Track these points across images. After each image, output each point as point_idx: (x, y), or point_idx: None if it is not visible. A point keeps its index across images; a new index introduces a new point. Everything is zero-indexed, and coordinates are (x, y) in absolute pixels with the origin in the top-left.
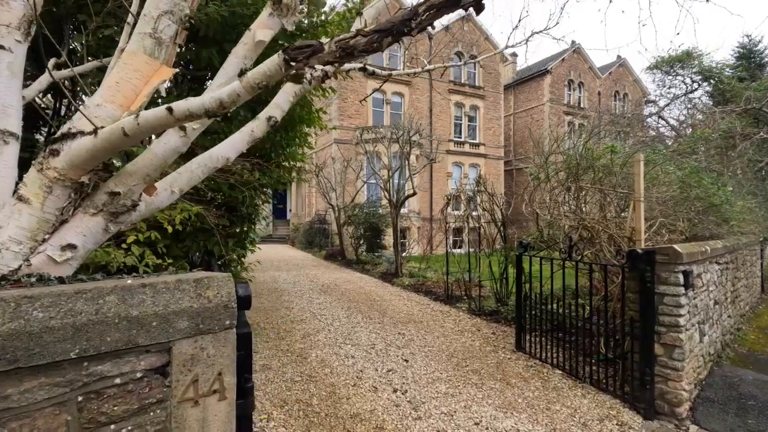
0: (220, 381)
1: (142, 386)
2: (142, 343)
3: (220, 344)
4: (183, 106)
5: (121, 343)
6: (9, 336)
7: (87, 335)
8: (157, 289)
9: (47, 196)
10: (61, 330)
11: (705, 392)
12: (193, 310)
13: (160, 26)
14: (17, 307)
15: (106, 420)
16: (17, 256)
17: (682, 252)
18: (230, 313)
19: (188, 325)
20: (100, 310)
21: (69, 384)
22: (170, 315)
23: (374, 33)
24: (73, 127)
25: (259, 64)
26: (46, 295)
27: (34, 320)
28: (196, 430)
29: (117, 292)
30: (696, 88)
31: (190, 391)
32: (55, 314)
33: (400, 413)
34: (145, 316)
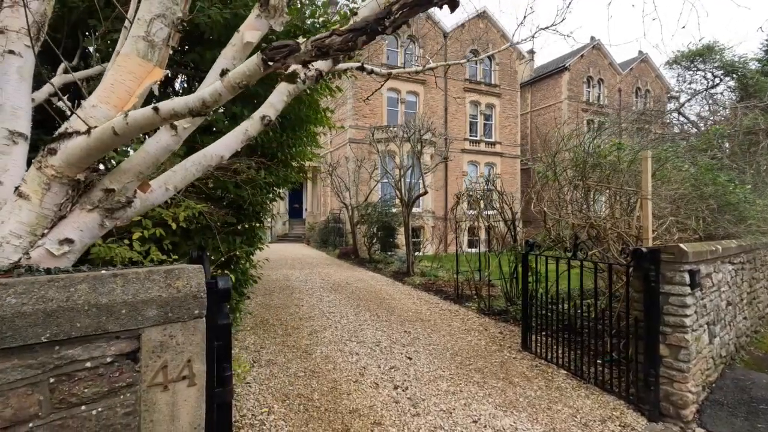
0: (190, 368)
1: (113, 370)
2: (111, 329)
3: (189, 332)
4: (168, 106)
5: (91, 329)
6: None
7: (57, 320)
8: (128, 279)
9: (46, 192)
10: (33, 315)
11: (714, 395)
12: (162, 299)
13: (152, 29)
14: None
15: (77, 401)
16: (17, 249)
17: (687, 251)
18: (199, 302)
19: (157, 314)
20: (71, 298)
21: (41, 366)
22: (139, 303)
23: (349, 32)
24: (70, 126)
25: (239, 65)
26: (20, 282)
27: (6, 305)
28: (166, 413)
29: (89, 281)
30: (717, 83)
31: (160, 376)
32: (27, 300)
33: (398, 409)
34: (114, 304)
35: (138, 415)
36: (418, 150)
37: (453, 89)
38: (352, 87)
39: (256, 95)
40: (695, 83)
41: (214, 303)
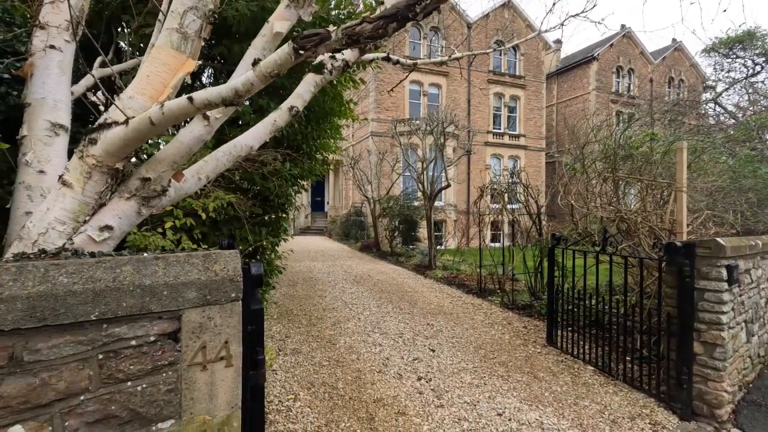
0: (227, 349)
1: (155, 349)
2: (154, 309)
3: (226, 315)
4: (202, 96)
5: (135, 309)
6: (38, 297)
7: (105, 300)
8: (169, 262)
9: (87, 181)
10: (83, 294)
11: (751, 395)
12: (201, 282)
13: (185, 22)
14: (45, 272)
15: (123, 377)
16: (61, 235)
17: (725, 245)
18: (236, 286)
19: (196, 296)
20: (117, 278)
21: (90, 342)
22: (180, 285)
23: (379, 19)
24: (109, 117)
25: (270, 54)
26: (70, 263)
27: (59, 284)
28: (205, 392)
29: (132, 263)
30: (759, 71)
31: (199, 356)
32: (78, 280)
33: (422, 400)
34: (156, 285)
35: (179, 393)
36: (441, 143)
37: (476, 81)
38: (375, 80)
39: (281, 87)
40: (734, 71)
41: (248, 288)
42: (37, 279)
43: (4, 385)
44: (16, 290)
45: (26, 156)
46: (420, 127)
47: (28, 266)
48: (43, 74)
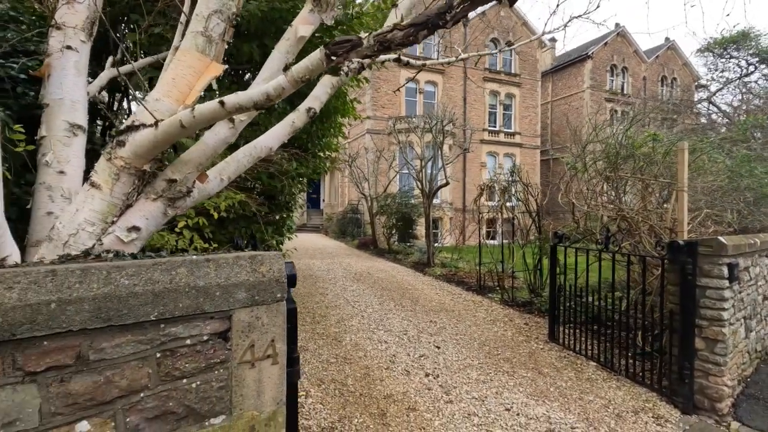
0: (273, 347)
1: (208, 348)
2: (207, 310)
3: (272, 314)
4: (233, 100)
5: (190, 309)
6: (103, 298)
7: (163, 300)
8: (219, 264)
9: (115, 182)
10: (143, 295)
11: (749, 389)
12: (250, 283)
13: (210, 25)
14: (108, 275)
15: (179, 375)
16: (91, 236)
17: (727, 244)
18: (281, 287)
19: (246, 296)
20: (173, 280)
21: (150, 342)
22: (230, 287)
23: (410, 27)
24: (136, 120)
25: (302, 59)
26: (130, 265)
27: (122, 286)
28: (253, 389)
29: (186, 265)
30: (752, 71)
31: (248, 354)
32: (138, 281)
33: (432, 396)
34: (210, 286)
35: (230, 390)
36: (440, 141)
37: (472, 78)
38: (371, 78)
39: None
40: (728, 71)
41: None
42: (101, 281)
43: (72, 382)
44: (82, 292)
45: (46, 156)
46: (418, 125)
47: (91, 269)
48: (60, 75)
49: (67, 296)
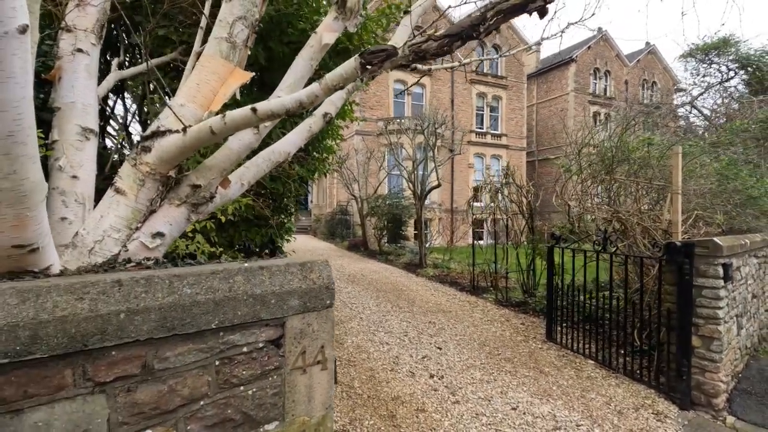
0: (322, 353)
1: (263, 355)
2: (263, 317)
3: (322, 321)
4: (266, 107)
5: (248, 317)
6: (168, 308)
7: (223, 309)
8: (272, 272)
9: (140, 188)
10: (205, 304)
11: (742, 384)
12: (302, 290)
13: (234, 31)
14: (171, 284)
15: (237, 382)
16: (116, 242)
17: (722, 245)
18: (330, 293)
19: (298, 303)
20: (232, 288)
21: (210, 350)
22: (284, 294)
23: (445, 38)
24: (162, 125)
25: (337, 67)
26: (189, 274)
27: (185, 295)
28: (304, 394)
29: (242, 273)
30: (732, 76)
31: (300, 360)
32: (200, 290)
33: (438, 397)
34: (266, 294)
35: (283, 396)
36: (432, 143)
37: (459, 81)
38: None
39: None
40: (709, 76)
41: None
42: (165, 290)
43: (138, 392)
44: (149, 301)
45: (59, 161)
46: (409, 126)
47: (154, 278)
48: (71, 78)
49: (134, 306)
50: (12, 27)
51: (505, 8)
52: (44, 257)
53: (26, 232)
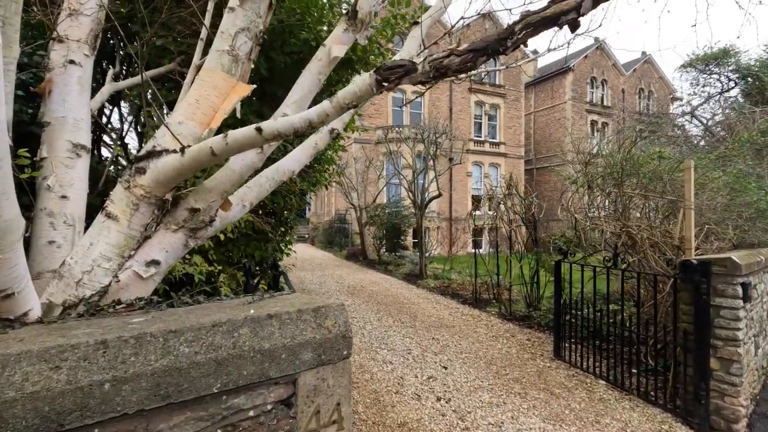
0: (338, 411)
1: (271, 418)
2: (273, 375)
3: (338, 374)
4: (272, 127)
5: (255, 377)
6: (163, 372)
7: (227, 369)
8: (283, 321)
9: (134, 213)
10: (206, 365)
11: (760, 407)
12: (316, 341)
13: (237, 43)
14: (165, 342)
15: None
16: (107, 272)
17: (740, 263)
18: (347, 343)
19: (312, 357)
20: (236, 344)
21: (210, 418)
22: (296, 347)
23: (469, 53)
24: (158, 144)
25: (349, 84)
26: (187, 328)
27: (182, 355)
28: None
29: (248, 324)
30: (732, 86)
31: (313, 422)
32: (199, 349)
33: (447, 423)
34: (275, 348)
35: None
36: (432, 152)
37: (458, 89)
38: None
39: None
40: (709, 86)
41: None
42: (158, 351)
43: None
44: (139, 366)
45: (47, 180)
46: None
47: (146, 336)
48: (63, 91)
49: (122, 373)
50: None
51: (535, 21)
52: (21, 303)
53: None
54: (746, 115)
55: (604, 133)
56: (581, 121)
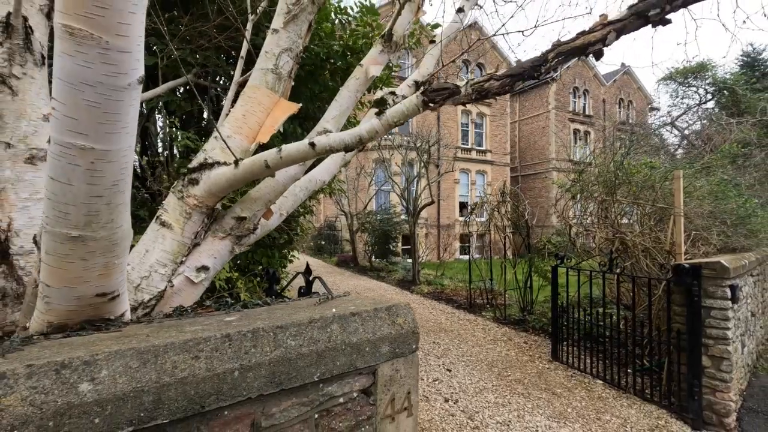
0: (409, 399)
1: (356, 405)
2: (359, 366)
3: (409, 366)
4: (324, 142)
5: (345, 367)
6: (277, 362)
7: (324, 360)
8: (363, 318)
9: (186, 221)
10: (308, 356)
11: (748, 402)
12: (392, 336)
13: (280, 62)
14: (275, 336)
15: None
16: (163, 278)
17: (729, 267)
18: (416, 337)
19: (389, 350)
20: (330, 338)
21: (311, 403)
22: (377, 341)
23: (507, 77)
24: (209, 157)
25: (398, 105)
26: (290, 324)
27: (290, 348)
28: None
29: (337, 321)
30: (709, 98)
31: (389, 408)
32: (302, 342)
33: (457, 423)
34: (361, 342)
35: None
36: (425, 160)
37: None
38: None
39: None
40: (688, 98)
41: None
42: (271, 344)
43: None
44: (258, 357)
45: None
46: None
47: (259, 331)
48: None
49: (246, 362)
50: (134, 78)
51: (566, 51)
52: (121, 304)
53: (111, 280)
54: (723, 126)
55: (587, 142)
56: (564, 129)
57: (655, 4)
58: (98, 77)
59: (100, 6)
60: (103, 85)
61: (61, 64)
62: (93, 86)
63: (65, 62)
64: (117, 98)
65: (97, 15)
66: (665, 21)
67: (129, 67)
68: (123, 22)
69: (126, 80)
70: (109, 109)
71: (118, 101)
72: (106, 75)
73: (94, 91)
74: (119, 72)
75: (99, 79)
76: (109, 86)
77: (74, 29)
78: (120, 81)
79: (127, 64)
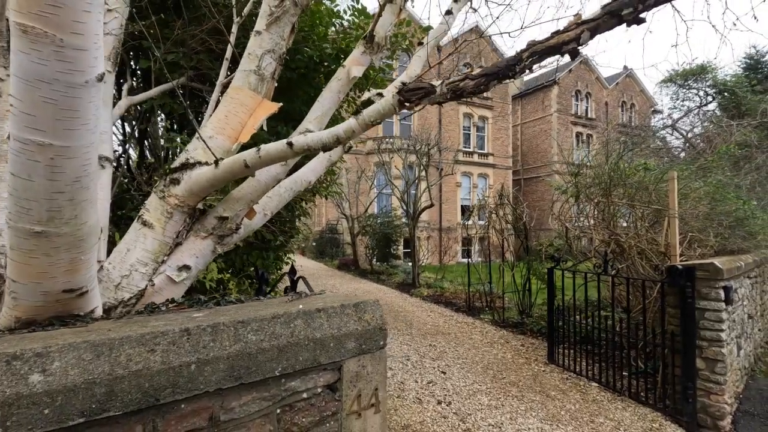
0: (376, 395)
1: (320, 400)
2: (323, 362)
3: (376, 362)
4: (302, 141)
5: (308, 362)
6: (236, 356)
7: (286, 355)
8: (329, 314)
9: (168, 221)
10: (270, 351)
11: (743, 405)
12: (358, 332)
13: (263, 64)
14: (236, 330)
15: (297, 430)
16: (144, 276)
17: (722, 268)
18: (383, 334)
19: (354, 346)
20: (293, 333)
21: (272, 398)
22: (342, 337)
23: (482, 77)
24: (191, 157)
25: (374, 104)
26: (252, 319)
27: (250, 342)
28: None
29: (302, 317)
30: (710, 101)
31: (355, 404)
32: (263, 337)
33: (449, 425)
34: (325, 338)
35: None
36: (425, 163)
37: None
38: None
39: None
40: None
41: None
42: (231, 338)
43: None
44: (217, 351)
45: None
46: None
47: (219, 326)
48: None
49: (204, 356)
50: (92, 76)
51: (540, 50)
52: (91, 301)
53: (78, 276)
54: (724, 128)
55: (589, 144)
56: (567, 132)
57: (628, 3)
58: (54, 74)
59: (53, 5)
60: (59, 82)
61: (18, 61)
62: (49, 83)
63: (21, 60)
64: (74, 95)
65: (50, 13)
66: (639, 20)
67: (86, 65)
68: (78, 21)
69: (83, 77)
70: (66, 106)
71: (76, 98)
72: (61, 72)
73: (50, 88)
74: (75, 69)
75: (55, 77)
76: (66, 83)
77: (28, 27)
78: (76, 78)
79: (83, 61)
